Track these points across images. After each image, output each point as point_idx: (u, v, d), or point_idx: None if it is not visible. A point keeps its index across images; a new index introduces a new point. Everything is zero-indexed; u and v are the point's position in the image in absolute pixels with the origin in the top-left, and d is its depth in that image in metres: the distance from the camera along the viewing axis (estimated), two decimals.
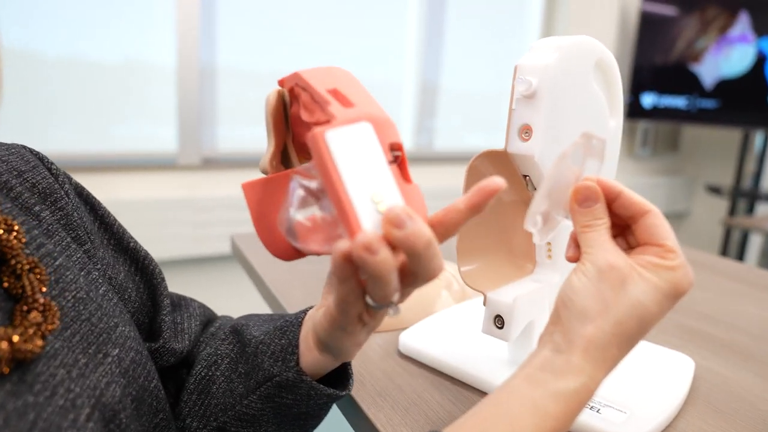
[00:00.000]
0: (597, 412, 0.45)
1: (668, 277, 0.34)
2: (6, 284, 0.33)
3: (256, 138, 1.94)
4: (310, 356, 0.41)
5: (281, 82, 0.40)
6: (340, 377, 0.45)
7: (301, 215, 0.33)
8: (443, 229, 0.33)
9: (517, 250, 0.53)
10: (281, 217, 0.34)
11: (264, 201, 0.39)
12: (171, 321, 0.50)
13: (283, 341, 0.42)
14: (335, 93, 0.35)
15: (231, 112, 1.88)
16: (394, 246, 0.29)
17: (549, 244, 0.52)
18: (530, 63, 0.45)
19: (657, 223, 0.35)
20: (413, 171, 0.35)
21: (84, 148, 1.69)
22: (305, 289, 0.72)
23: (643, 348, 0.57)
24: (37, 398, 0.30)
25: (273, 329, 0.44)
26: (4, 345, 0.29)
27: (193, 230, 1.80)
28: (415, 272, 0.31)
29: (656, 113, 2.54)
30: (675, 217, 2.96)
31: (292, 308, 0.67)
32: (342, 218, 0.30)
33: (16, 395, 0.29)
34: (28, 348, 0.30)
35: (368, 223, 0.29)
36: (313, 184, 0.33)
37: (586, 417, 0.45)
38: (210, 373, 0.46)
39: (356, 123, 0.31)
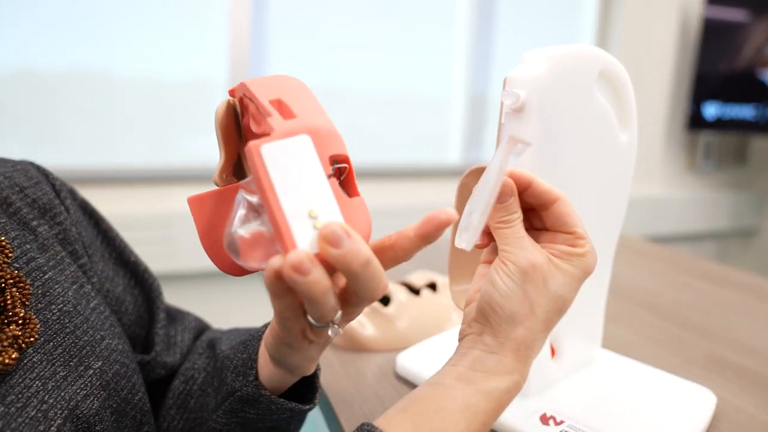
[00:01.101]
0: None
1: (580, 264, 0.35)
2: None
3: None
4: (268, 370, 0.40)
5: (231, 92, 0.39)
6: (307, 390, 0.43)
7: (243, 230, 0.32)
8: (393, 253, 0.32)
9: None
10: (225, 232, 0.33)
11: (212, 215, 0.38)
12: (164, 334, 0.51)
13: (244, 356, 0.42)
14: (279, 104, 0.33)
15: None
16: (330, 265, 0.28)
17: None
18: (519, 75, 0.42)
19: (566, 210, 0.36)
20: None
21: (141, 161, 1.77)
22: None
23: (658, 379, 0.52)
24: (8, 409, 0.31)
25: (238, 344, 0.44)
26: None
27: None
28: (355, 292, 0.29)
29: (720, 124, 2.40)
30: (742, 235, 2.77)
31: None
32: (277, 235, 0.28)
33: None
34: (1, 360, 0.31)
35: (303, 241, 0.28)
36: (255, 199, 0.32)
37: None
38: (188, 388, 0.47)
39: (294, 136, 0.30)
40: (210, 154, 1.86)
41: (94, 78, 1.67)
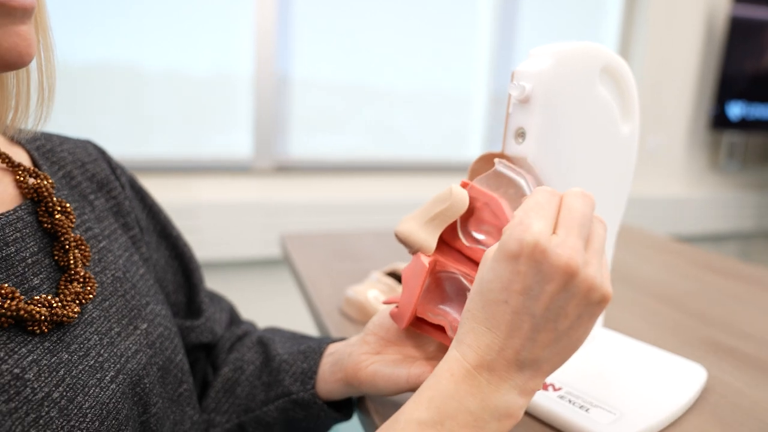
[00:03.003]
0: (585, 411, 0.46)
1: (500, 244, 0.34)
2: (56, 257, 0.39)
3: (326, 145, 2.03)
4: (332, 385, 0.47)
5: (466, 185, 0.44)
6: (345, 402, 0.50)
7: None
8: None
9: None
10: (438, 308, 0.44)
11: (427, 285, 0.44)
12: (210, 304, 0.57)
13: (304, 365, 0.49)
14: None
15: (303, 121, 1.98)
16: None
17: None
18: (526, 69, 0.46)
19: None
20: None
21: (169, 152, 1.84)
22: (334, 283, 0.77)
23: (653, 355, 0.56)
24: (72, 356, 0.36)
25: (297, 352, 0.50)
26: (44, 310, 0.34)
27: (265, 233, 1.90)
28: None
29: (745, 124, 2.38)
30: (766, 236, 2.75)
31: (320, 298, 0.72)
32: None
33: (52, 352, 0.35)
34: (65, 313, 0.36)
35: None
36: None
37: (572, 414, 0.45)
38: (236, 376, 0.52)
39: None
40: (233, 146, 1.92)
41: (122, 71, 1.73)
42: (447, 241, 0.45)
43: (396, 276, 0.72)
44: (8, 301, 0.33)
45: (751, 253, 2.75)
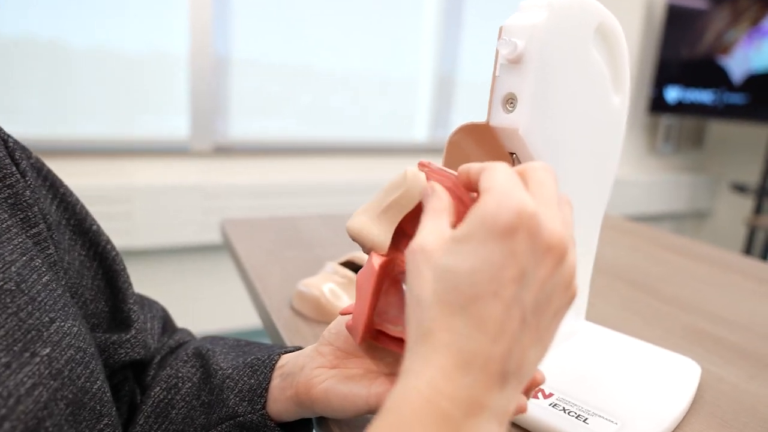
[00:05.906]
0: (584, 421, 0.40)
1: (475, 216, 0.26)
2: None
3: (266, 127, 1.92)
4: (283, 404, 0.39)
5: (425, 167, 0.35)
6: (302, 422, 0.42)
7: None
8: None
9: None
10: (399, 317, 0.35)
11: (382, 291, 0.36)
12: (140, 312, 0.46)
13: (252, 381, 0.40)
14: None
15: (243, 101, 1.87)
16: None
17: None
18: (517, 23, 0.39)
19: (484, 175, 0.29)
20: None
21: (99, 133, 1.69)
22: (283, 274, 0.68)
23: (644, 350, 0.51)
24: None
25: (242, 365, 0.41)
26: None
27: (203, 217, 1.79)
28: None
29: (681, 108, 2.44)
30: (697, 216, 2.86)
31: (267, 292, 0.63)
32: None
33: None
34: None
35: None
36: None
37: (570, 427, 0.39)
38: (170, 397, 0.43)
39: None
40: (170, 127, 1.78)
41: (44, 48, 1.56)
42: (410, 234, 0.37)
43: (353, 266, 0.64)
44: None
45: (685, 231, 2.86)
